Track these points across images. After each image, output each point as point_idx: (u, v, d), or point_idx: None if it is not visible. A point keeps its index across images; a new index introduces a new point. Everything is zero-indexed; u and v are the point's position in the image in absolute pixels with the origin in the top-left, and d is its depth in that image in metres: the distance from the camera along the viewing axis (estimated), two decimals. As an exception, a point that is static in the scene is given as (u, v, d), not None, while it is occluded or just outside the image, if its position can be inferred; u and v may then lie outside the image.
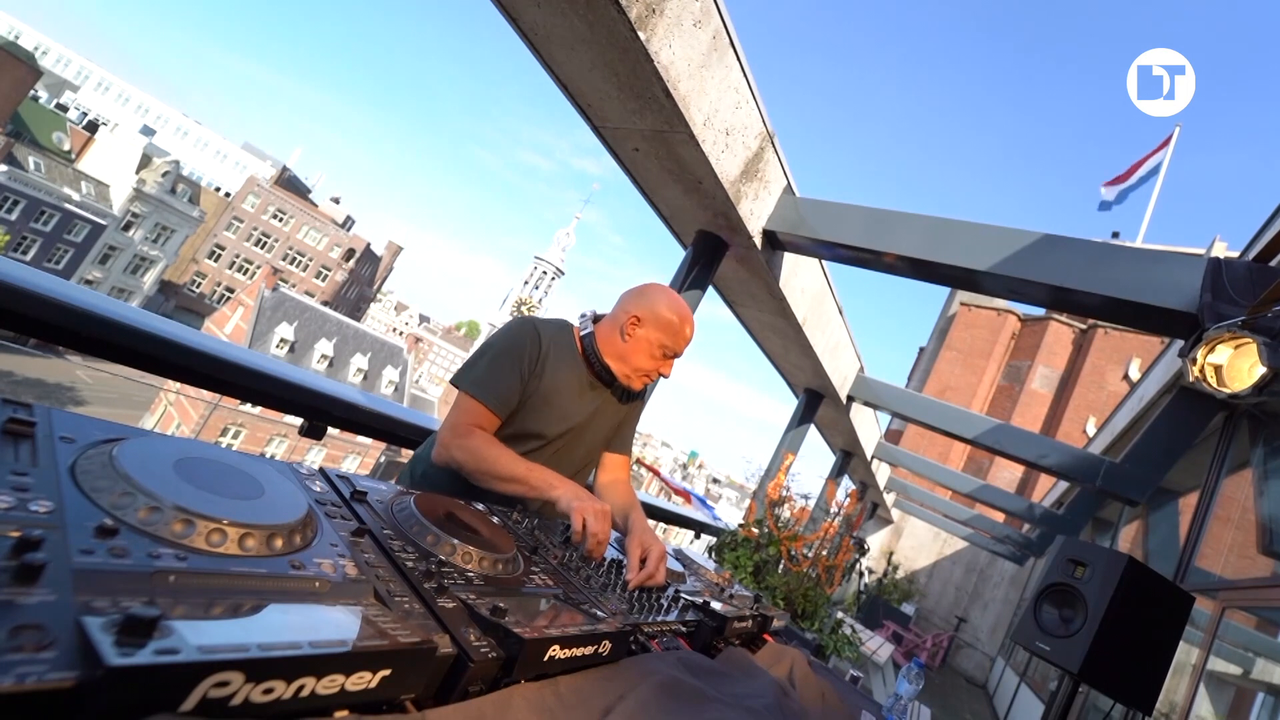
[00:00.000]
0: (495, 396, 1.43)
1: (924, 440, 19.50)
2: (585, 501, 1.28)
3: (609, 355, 1.55)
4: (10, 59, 31.35)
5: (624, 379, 1.56)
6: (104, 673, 0.36)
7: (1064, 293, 3.04)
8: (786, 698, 1.08)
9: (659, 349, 1.53)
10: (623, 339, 1.53)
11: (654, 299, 1.54)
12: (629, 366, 1.54)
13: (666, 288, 1.59)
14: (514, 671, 0.66)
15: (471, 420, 1.42)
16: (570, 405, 1.55)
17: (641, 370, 1.55)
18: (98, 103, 57.66)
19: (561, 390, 1.53)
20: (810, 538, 3.30)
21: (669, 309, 1.53)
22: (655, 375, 1.58)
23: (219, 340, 1.56)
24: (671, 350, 1.55)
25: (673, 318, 1.52)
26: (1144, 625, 1.98)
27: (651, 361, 1.54)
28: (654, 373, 1.57)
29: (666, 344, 1.53)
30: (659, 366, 1.56)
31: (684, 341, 1.56)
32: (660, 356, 1.55)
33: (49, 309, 1.17)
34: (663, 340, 1.52)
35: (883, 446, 9.63)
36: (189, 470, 0.66)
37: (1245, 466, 4.23)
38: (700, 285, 3.91)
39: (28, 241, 32.99)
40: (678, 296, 1.57)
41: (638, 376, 1.56)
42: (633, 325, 1.52)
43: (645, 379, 1.58)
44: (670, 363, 1.58)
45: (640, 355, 1.53)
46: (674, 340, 1.54)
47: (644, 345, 1.52)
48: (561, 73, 2.87)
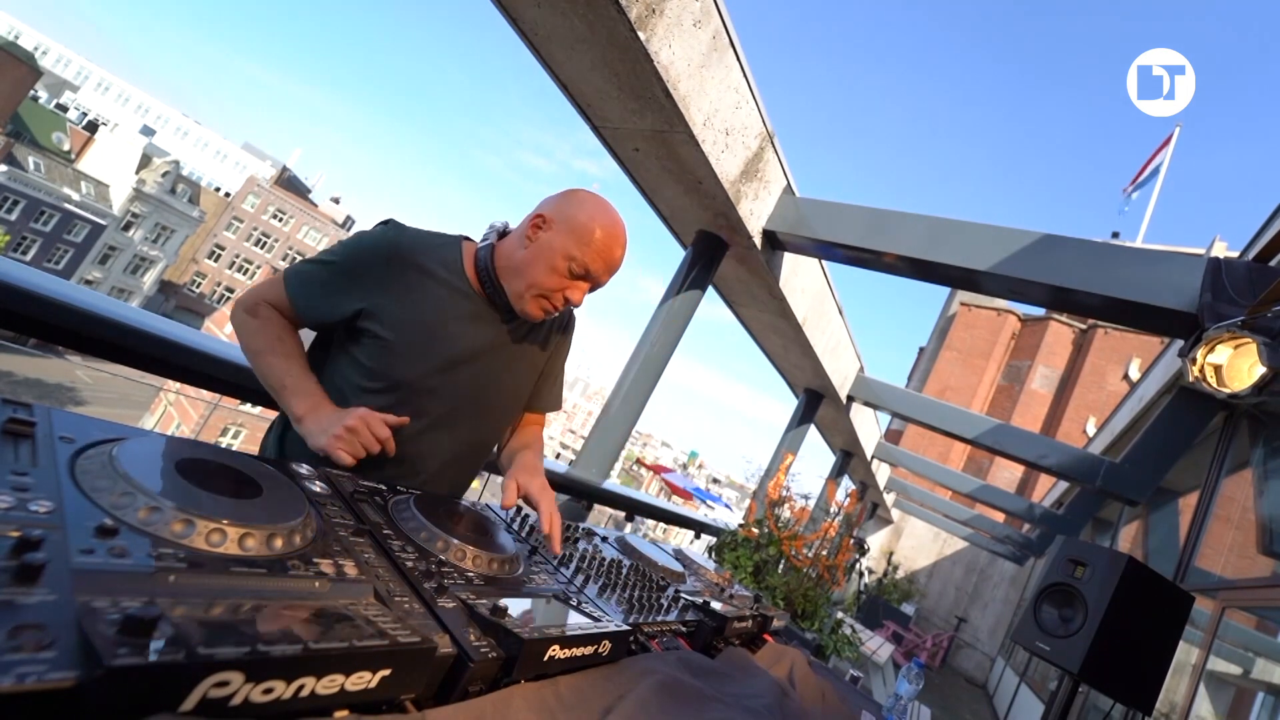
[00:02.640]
0: (302, 295, 1.16)
1: (924, 440, 19.50)
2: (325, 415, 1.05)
3: (503, 271, 1.19)
4: (10, 59, 31.35)
5: (515, 301, 1.19)
6: (104, 673, 0.36)
7: (1064, 293, 3.04)
8: (786, 698, 1.08)
9: (564, 261, 1.15)
10: (523, 247, 1.18)
11: (571, 199, 1.19)
12: (523, 281, 1.17)
13: (597, 194, 1.22)
14: (514, 671, 0.66)
15: (269, 297, 1.16)
16: (433, 345, 1.18)
17: (538, 288, 1.16)
18: (98, 103, 57.68)
19: (419, 324, 1.16)
20: (810, 537, 3.30)
21: (586, 213, 1.16)
22: (559, 300, 1.18)
23: (219, 340, 1.55)
24: (583, 265, 1.16)
25: (588, 222, 1.15)
26: (1144, 625, 1.98)
27: (553, 277, 1.15)
28: (556, 294, 1.17)
29: (575, 255, 1.15)
30: (563, 288, 1.17)
31: (601, 257, 1.16)
32: (566, 273, 1.16)
33: (49, 309, 1.17)
34: (570, 249, 1.14)
35: (883, 446, 9.63)
36: (189, 470, 0.66)
37: (1245, 466, 4.23)
38: (700, 285, 3.91)
39: (28, 241, 33.00)
40: (608, 204, 1.20)
41: (532, 297, 1.17)
42: (535, 228, 1.17)
43: (544, 303, 1.18)
44: (580, 286, 1.19)
45: (539, 267, 1.15)
46: (585, 251, 1.15)
47: (545, 254, 1.15)
48: (561, 73, 2.87)
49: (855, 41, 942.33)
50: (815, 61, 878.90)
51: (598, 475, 3.74)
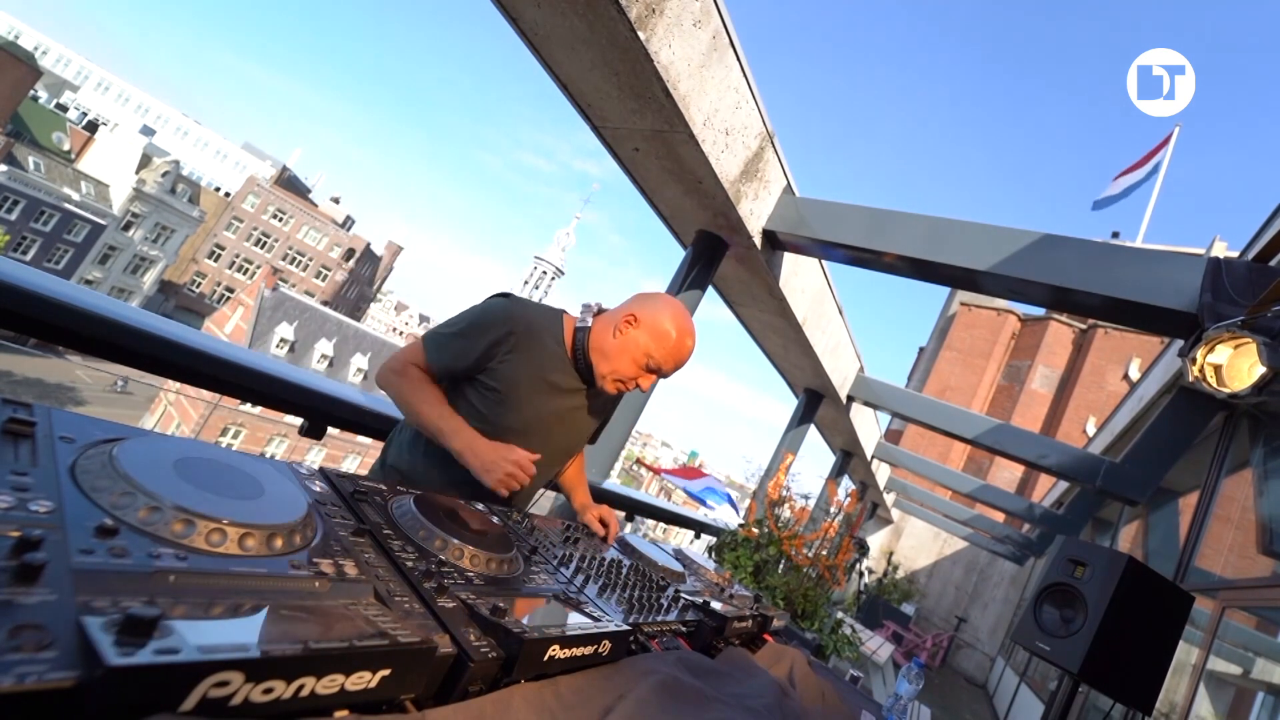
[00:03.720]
0: (438, 359, 1.43)
1: (924, 440, 19.50)
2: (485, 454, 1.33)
3: (595, 351, 1.47)
4: (10, 59, 31.35)
5: (599, 379, 1.48)
6: (104, 673, 0.36)
7: (1064, 293, 3.04)
8: (786, 698, 1.08)
9: (645, 357, 1.44)
10: (613, 336, 1.45)
11: (658, 305, 1.47)
12: (609, 366, 1.45)
13: (678, 302, 1.50)
14: (514, 671, 0.66)
15: (413, 359, 1.44)
16: (533, 400, 1.46)
17: (619, 375, 1.46)
18: (98, 103, 57.65)
19: (524, 382, 1.44)
20: (810, 537, 3.30)
21: (670, 320, 1.44)
22: (632, 385, 1.49)
23: (219, 340, 1.55)
24: (657, 363, 1.45)
25: (670, 329, 1.44)
26: (1144, 625, 1.98)
27: (633, 368, 1.45)
28: (631, 382, 1.47)
29: (654, 354, 1.44)
30: (639, 377, 1.47)
31: (672, 358, 1.46)
32: (644, 367, 1.45)
33: (49, 309, 1.17)
34: (651, 349, 1.44)
35: (883, 446, 9.62)
36: (189, 470, 0.66)
37: (1245, 466, 4.23)
38: (700, 285, 3.91)
39: (28, 241, 32.99)
40: (686, 313, 1.49)
41: (613, 380, 1.47)
42: (627, 324, 1.45)
43: (620, 385, 1.48)
44: (651, 378, 1.49)
45: (624, 358, 1.44)
46: (663, 352, 1.44)
47: (631, 348, 1.44)
48: (561, 73, 2.87)
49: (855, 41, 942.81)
50: (815, 61, 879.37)
51: (598, 475, 3.74)
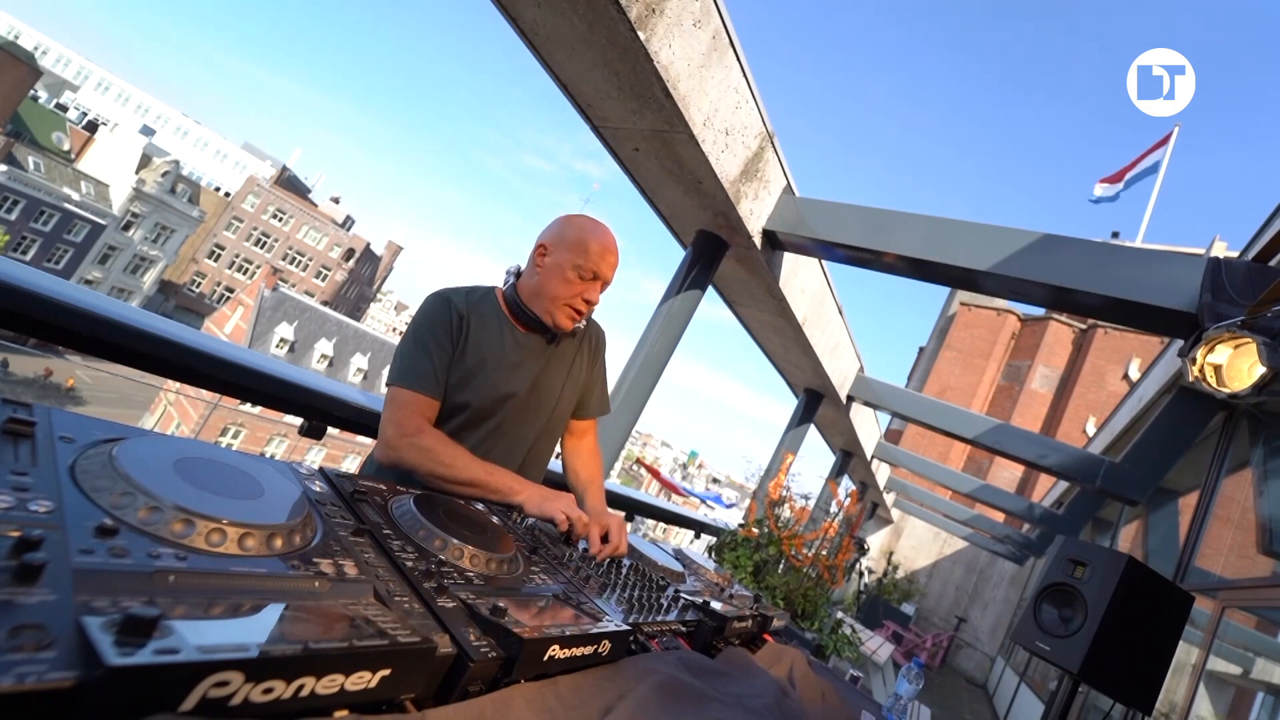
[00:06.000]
0: (426, 380, 1.35)
1: (924, 440, 19.50)
2: (554, 502, 1.27)
3: (528, 297, 1.44)
4: (10, 59, 31.34)
5: (546, 317, 1.43)
6: (104, 673, 0.36)
7: (1064, 293, 3.04)
8: (786, 698, 1.08)
9: (572, 270, 1.40)
10: (535, 273, 1.43)
11: (559, 223, 1.46)
12: (547, 297, 1.42)
13: (579, 214, 1.49)
14: (514, 671, 0.66)
15: (416, 413, 1.33)
16: (503, 371, 1.43)
17: (559, 299, 1.41)
18: (98, 103, 57.61)
19: (489, 357, 1.41)
20: (810, 537, 3.30)
21: (574, 226, 1.44)
22: (581, 304, 1.43)
23: (219, 340, 1.55)
24: (587, 269, 1.41)
25: (578, 234, 1.42)
26: (1144, 625, 1.98)
27: (567, 286, 1.41)
28: (576, 299, 1.42)
29: (578, 262, 1.40)
30: (580, 291, 1.42)
31: (597, 257, 1.41)
32: (576, 279, 1.41)
33: (49, 309, 1.17)
34: (573, 260, 1.40)
35: (883, 446, 9.62)
36: (189, 470, 0.66)
37: (1245, 466, 4.23)
38: (700, 285, 3.91)
39: (27, 241, 32.98)
40: (587, 216, 1.47)
41: (558, 309, 1.42)
42: (540, 255, 1.43)
43: (569, 310, 1.43)
44: (593, 286, 1.43)
45: (553, 282, 1.41)
46: (585, 257, 1.40)
47: (554, 271, 1.41)
48: (561, 73, 2.87)
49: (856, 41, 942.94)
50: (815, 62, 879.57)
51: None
